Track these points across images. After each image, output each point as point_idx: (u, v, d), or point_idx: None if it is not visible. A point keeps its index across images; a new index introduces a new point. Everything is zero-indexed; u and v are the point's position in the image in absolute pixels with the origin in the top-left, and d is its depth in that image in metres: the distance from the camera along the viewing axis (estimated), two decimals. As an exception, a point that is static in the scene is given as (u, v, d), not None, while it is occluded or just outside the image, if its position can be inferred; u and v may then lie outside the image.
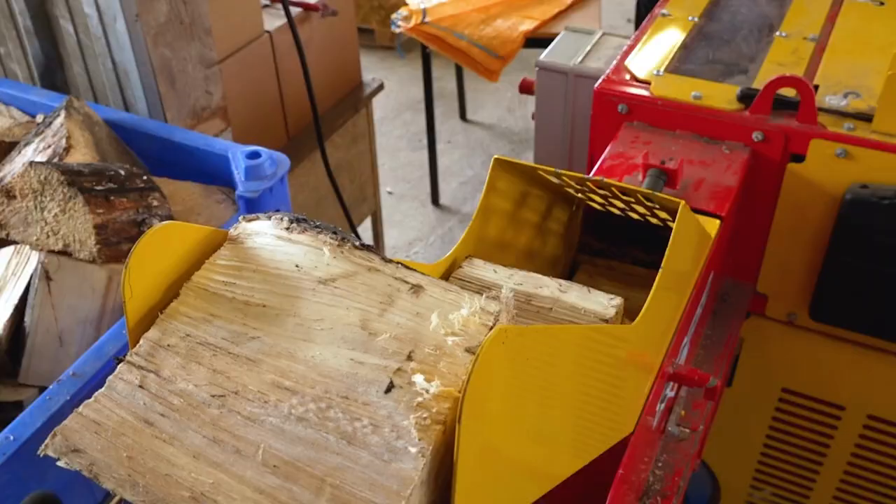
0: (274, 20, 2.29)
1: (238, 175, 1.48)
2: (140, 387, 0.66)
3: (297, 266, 0.72)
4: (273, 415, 0.64)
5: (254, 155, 1.48)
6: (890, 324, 1.42)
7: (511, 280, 0.96)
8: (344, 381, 0.64)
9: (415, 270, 0.73)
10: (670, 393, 1.19)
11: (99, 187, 1.33)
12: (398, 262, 0.73)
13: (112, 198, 1.34)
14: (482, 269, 0.97)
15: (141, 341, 0.69)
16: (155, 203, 1.37)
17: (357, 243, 0.74)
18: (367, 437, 0.61)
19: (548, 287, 0.94)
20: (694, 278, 1.12)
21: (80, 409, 0.65)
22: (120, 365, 0.68)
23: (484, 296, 0.70)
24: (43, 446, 0.63)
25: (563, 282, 0.94)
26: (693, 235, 1.10)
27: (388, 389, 0.64)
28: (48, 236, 1.32)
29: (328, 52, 2.54)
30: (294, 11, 2.33)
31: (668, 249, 0.94)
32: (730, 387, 1.66)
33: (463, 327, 0.67)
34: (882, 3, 1.67)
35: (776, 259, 1.49)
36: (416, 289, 0.71)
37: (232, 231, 0.77)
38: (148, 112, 1.70)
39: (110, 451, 0.63)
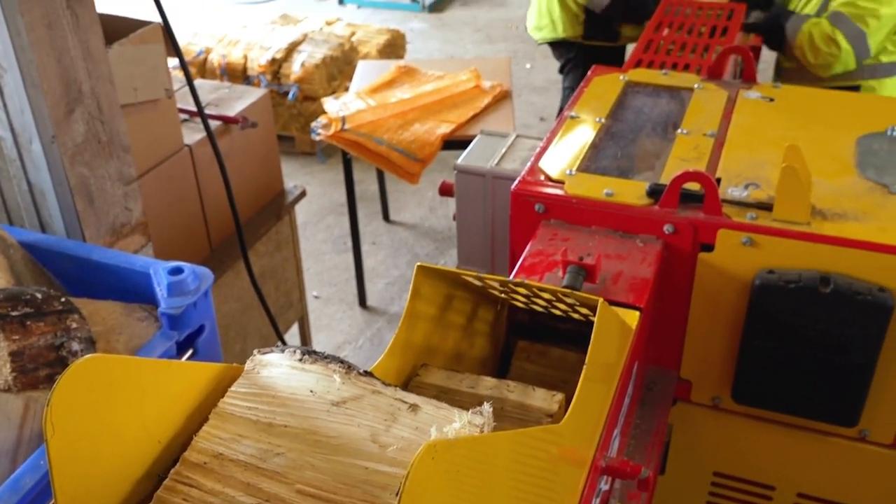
0: (194, 133, 2.31)
1: (160, 292, 1.46)
2: (184, 500, 0.77)
3: (311, 391, 0.83)
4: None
5: (176, 271, 1.47)
6: (808, 402, 1.47)
7: (463, 384, 1.05)
8: (362, 486, 0.75)
9: (409, 392, 0.84)
10: (605, 486, 1.19)
11: (14, 313, 1.29)
12: (395, 386, 0.85)
13: (28, 323, 1.30)
14: (437, 377, 1.07)
15: (179, 463, 0.78)
16: (74, 325, 1.34)
17: (361, 371, 0.86)
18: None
19: (497, 388, 1.04)
20: (619, 370, 1.15)
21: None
22: (164, 482, 0.78)
23: (470, 411, 0.81)
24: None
25: (509, 382, 1.04)
26: (614, 329, 1.13)
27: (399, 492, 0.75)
28: (-40, 366, 1.27)
29: (249, 162, 2.56)
30: (214, 124, 2.35)
31: (590, 345, 0.97)
32: (663, 474, 1.68)
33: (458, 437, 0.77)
34: (772, 100, 1.79)
35: (696, 345, 1.53)
36: (414, 407, 0.82)
37: (248, 364, 0.87)
38: (66, 231, 1.68)
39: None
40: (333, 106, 3.20)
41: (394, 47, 5.00)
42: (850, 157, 1.57)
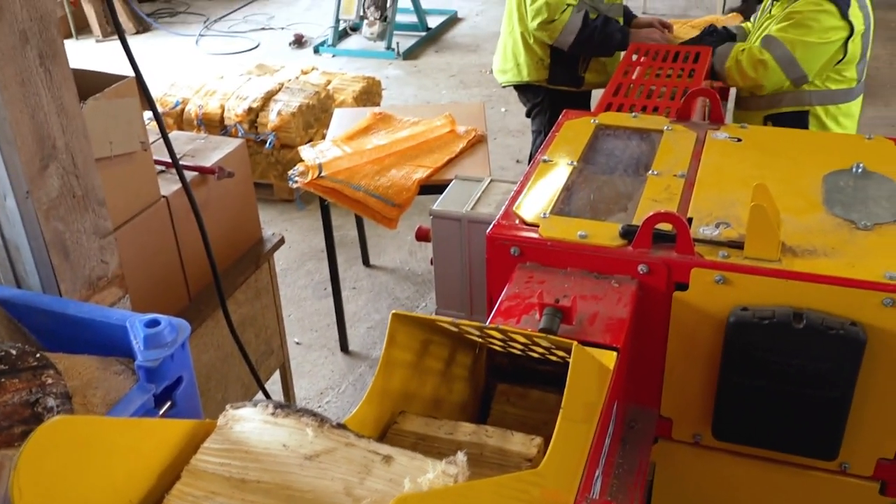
0: (170, 184, 2.31)
1: (137, 345, 1.45)
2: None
3: (284, 445, 0.83)
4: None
5: (152, 323, 1.46)
6: (787, 437, 1.48)
7: (441, 431, 1.05)
8: None
9: (383, 443, 0.84)
10: (588, 529, 1.19)
11: (-11, 370, 1.28)
12: (369, 438, 0.85)
13: (2, 379, 1.29)
14: (415, 424, 1.07)
15: None
16: (49, 381, 1.33)
17: (334, 423, 0.86)
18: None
19: (475, 434, 1.05)
20: (598, 410, 1.15)
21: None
22: None
23: (444, 460, 0.81)
24: None
25: (488, 428, 1.05)
26: (591, 370, 1.14)
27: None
28: (-67, 426, 1.25)
29: (226, 211, 2.57)
30: (190, 175, 2.36)
31: (566, 387, 0.97)
32: (647, 514, 1.67)
33: (431, 489, 0.78)
34: (739, 140, 1.83)
35: (675, 383, 1.54)
36: (388, 459, 0.82)
37: (221, 419, 0.87)
38: (41, 286, 1.67)
39: None
40: (310, 153, 3.23)
41: (369, 94, 5.06)
42: (818, 194, 1.60)
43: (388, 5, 7.01)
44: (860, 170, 1.66)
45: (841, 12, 2.59)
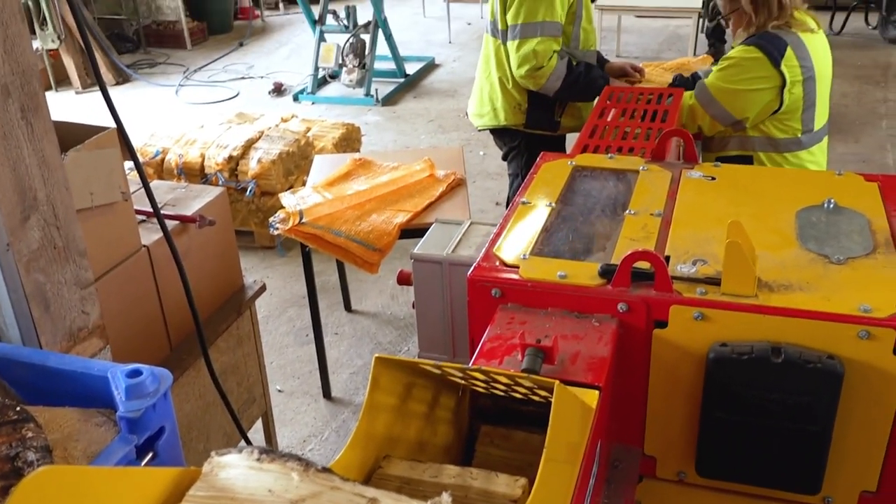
0: (151, 234, 2.31)
1: (118, 395, 1.45)
2: None
3: (270, 491, 0.83)
4: None
5: (134, 373, 1.46)
6: (770, 472, 1.49)
7: (426, 474, 1.05)
8: None
9: (371, 485, 0.85)
10: (575, 570, 1.18)
11: (-32, 424, 1.27)
12: (355, 481, 0.85)
13: (-17, 434, 1.27)
14: (400, 468, 1.07)
15: None
16: (30, 435, 1.32)
17: (319, 467, 0.86)
18: None
19: (460, 476, 1.05)
20: (581, 450, 1.15)
21: None
22: None
23: (429, 501, 0.81)
24: None
25: (472, 470, 1.05)
26: (573, 409, 1.15)
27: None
28: (-90, 483, 1.24)
29: (208, 259, 2.57)
30: (171, 224, 2.37)
31: (549, 427, 0.98)
32: (635, 554, 1.67)
33: None
34: (713, 178, 1.86)
35: (658, 421, 1.55)
36: (373, 501, 0.82)
37: (206, 466, 0.86)
38: (21, 339, 1.66)
39: None
40: (291, 200, 3.24)
41: (349, 140, 5.10)
42: (791, 230, 1.63)
43: (366, 53, 7.11)
44: (832, 205, 1.70)
45: (773, 62, 2.62)
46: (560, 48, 3.13)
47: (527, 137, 3.36)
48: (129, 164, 2.19)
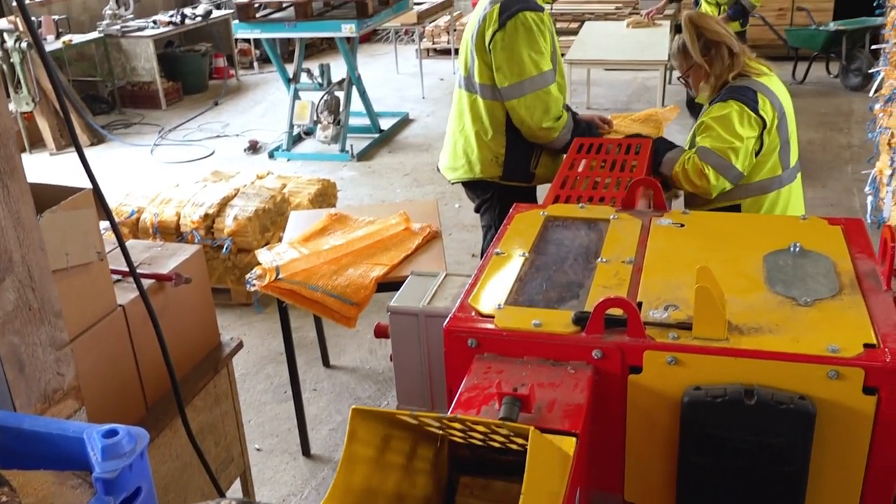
0: (127, 293, 2.31)
1: (94, 456, 1.43)
2: None
3: None
4: None
5: (110, 433, 1.44)
6: (750, 515, 1.49)
7: None
8: None
9: None
10: None
11: (-59, 490, 1.25)
12: None
13: (-45, 499, 1.26)
14: None
15: None
16: (4, 499, 1.30)
17: None
18: None
19: None
20: (560, 497, 1.16)
21: None
22: None
23: None
24: None
25: None
26: (550, 456, 1.16)
27: None
28: None
29: (184, 317, 2.56)
30: (147, 283, 2.36)
31: (525, 474, 0.99)
32: None
33: None
34: (682, 225, 1.90)
35: (637, 466, 1.56)
36: None
37: None
38: (-6, 402, 1.65)
39: None
40: (267, 256, 3.25)
41: (325, 196, 5.13)
42: (759, 273, 1.67)
43: (340, 109, 7.20)
44: (797, 249, 1.74)
45: (751, 108, 2.71)
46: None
47: (500, 189, 3.39)
48: (104, 224, 2.20)
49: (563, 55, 3.84)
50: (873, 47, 7.59)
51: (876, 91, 5.28)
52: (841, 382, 1.39)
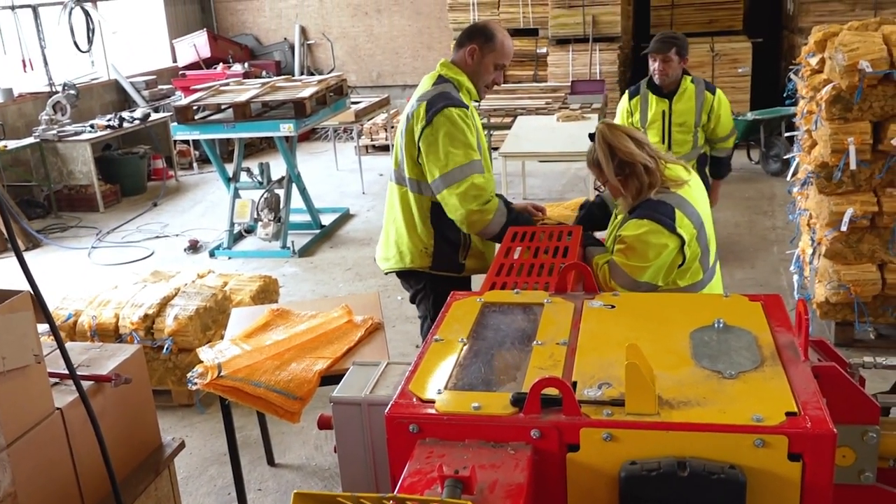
0: (65, 396, 2.28)
1: (32, 562, 1.41)
2: None
3: None
4: None
5: (49, 537, 1.43)
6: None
7: None
8: None
9: None
10: None
11: None
12: None
13: None
14: None
15: None
16: None
17: None
18: None
19: None
20: (504, 577, 1.18)
21: None
22: None
23: None
24: None
25: None
26: (492, 535, 1.18)
27: None
28: None
29: (124, 419, 2.53)
30: (87, 384, 2.34)
31: (467, 551, 1.02)
32: None
33: None
34: (613, 307, 1.99)
35: (580, 544, 1.58)
36: None
37: None
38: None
39: None
40: (209, 354, 3.23)
41: (267, 292, 5.13)
42: (686, 349, 1.75)
43: (281, 207, 7.26)
44: (721, 325, 1.83)
45: (668, 228, 2.73)
46: None
47: (432, 279, 3.44)
48: (42, 328, 2.19)
49: (496, 149, 3.98)
50: (786, 134, 8.04)
51: (793, 175, 5.56)
52: (767, 450, 1.45)
